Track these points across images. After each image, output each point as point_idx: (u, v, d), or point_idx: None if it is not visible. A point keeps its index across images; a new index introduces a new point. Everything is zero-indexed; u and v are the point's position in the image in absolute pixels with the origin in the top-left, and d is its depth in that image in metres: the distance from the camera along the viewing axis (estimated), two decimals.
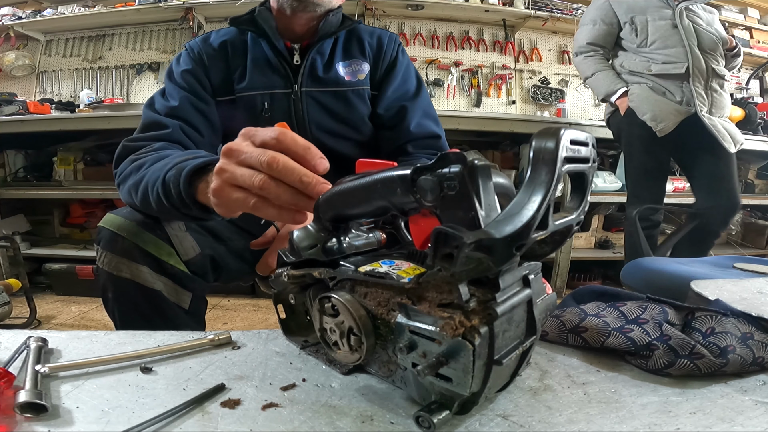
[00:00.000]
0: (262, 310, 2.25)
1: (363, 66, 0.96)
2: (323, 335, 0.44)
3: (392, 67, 0.98)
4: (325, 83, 0.93)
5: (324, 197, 0.42)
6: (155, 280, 0.75)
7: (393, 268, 0.42)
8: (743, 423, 0.37)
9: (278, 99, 0.92)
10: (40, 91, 3.13)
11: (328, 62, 0.94)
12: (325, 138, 0.94)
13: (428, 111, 0.99)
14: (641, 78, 1.91)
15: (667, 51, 1.84)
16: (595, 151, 0.34)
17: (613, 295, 0.57)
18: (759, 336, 0.47)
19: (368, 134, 0.97)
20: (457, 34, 3.18)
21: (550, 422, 0.37)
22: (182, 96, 0.86)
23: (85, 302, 2.32)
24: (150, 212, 0.71)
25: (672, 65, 1.84)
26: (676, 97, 1.85)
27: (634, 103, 1.88)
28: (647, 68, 1.89)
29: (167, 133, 0.80)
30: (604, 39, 1.99)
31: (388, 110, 0.96)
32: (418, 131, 0.95)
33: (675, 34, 1.83)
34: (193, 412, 0.37)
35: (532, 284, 0.36)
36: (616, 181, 2.55)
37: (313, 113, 0.93)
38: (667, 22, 1.84)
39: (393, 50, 0.99)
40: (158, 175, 0.61)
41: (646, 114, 1.85)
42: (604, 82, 1.98)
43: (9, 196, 2.53)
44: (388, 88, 0.96)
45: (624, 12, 1.92)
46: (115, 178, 0.76)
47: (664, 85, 1.86)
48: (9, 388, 0.38)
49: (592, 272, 2.70)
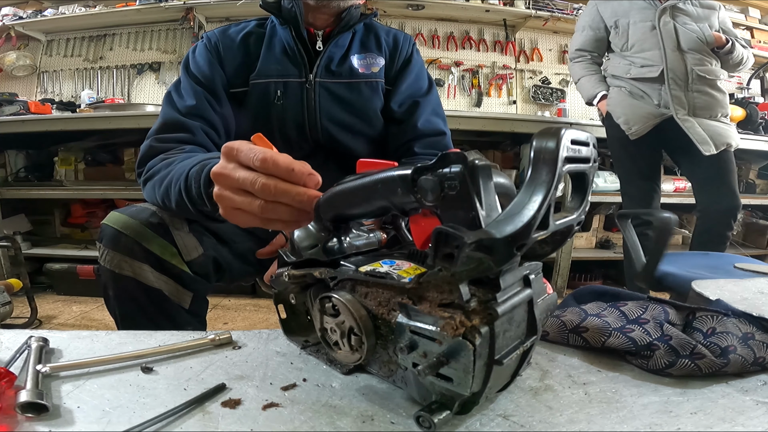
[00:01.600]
0: (262, 310, 2.25)
1: (378, 60, 0.97)
2: (324, 335, 0.44)
3: (407, 64, 1.00)
4: (339, 74, 0.94)
5: (324, 197, 0.42)
6: (157, 279, 0.75)
7: (393, 268, 0.42)
8: (744, 423, 0.37)
9: (292, 87, 0.92)
10: (41, 91, 3.13)
11: (344, 55, 0.95)
12: (334, 130, 0.94)
13: (437, 110, 1.00)
14: (621, 81, 1.92)
15: (645, 54, 1.84)
16: (595, 150, 0.34)
17: (614, 295, 0.57)
18: (760, 336, 0.47)
19: (378, 128, 0.98)
20: (457, 34, 3.17)
21: (550, 422, 0.37)
22: (199, 93, 0.86)
23: (86, 302, 2.32)
24: (168, 207, 0.71)
25: (648, 69, 1.84)
26: (654, 100, 1.84)
27: (610, 107, 1.92)
28: (627, 72, 1.90)
29: (191, 138, 0.82)
30: (591, 44, 2.01)
31: (401, 105, 0.97)
32: (425, 127, 0.96)
33: (653, 36, 1.81)
34: (193, 412, 0.37)
35: (533, 284, 0.36)
36: (616, 181, 2.53)
37: (325, 104, 0.93)
38: (647, 23, 1.83)
39: (408, 49, 1.02)
40: (183, 171, 0.63)
41: (620, 117, 1.87)
42: (586, 86, 2.02)
43: (10, 196, 2.53)
44: (402, 83, 0.98)
45: (609, 15, 1.93)
46: (140, 176, 0.79)
47: (641, 88, 1.87)
48: (10, 388, 0.38)
49: (592, 272, 2.70)
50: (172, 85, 0.90)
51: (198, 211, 0.63)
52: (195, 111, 0.85)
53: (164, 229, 0.75)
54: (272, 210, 0.44)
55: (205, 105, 0.86)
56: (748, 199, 2.91)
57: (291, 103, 0.92)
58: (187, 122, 0.83)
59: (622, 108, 1.88)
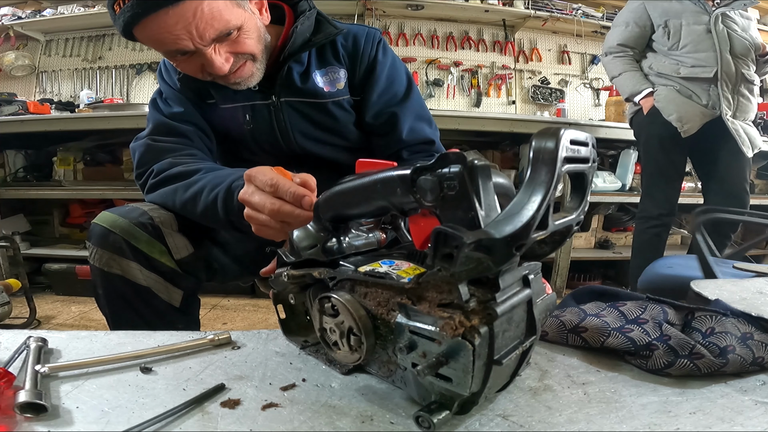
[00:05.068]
0: (262, 310, 2.25)
1: (340, 73, 0.88)
2: (323, 335, 0.44)
3: (372, 70, 0.89)
4: (304, 94, 0.87)
5: (324, 197, 0.42)
6: (146, 277, 0.75)
7: (393, 268, 0.42)
8: (743, 423, 0.37)
9: (258, 110, 0.87)
10: (39, 91, 3.12)
11: (305, 71, 0.87)
12: (310, 146, 0.90)
13: (420, 113, 0.93)
14: (668, 80, 1.94)
15: (698, 55, 1.88)
16: (594, 151, 0.34)
17: (613, 295, 0.57)
18: (759, 336, 0.47)
19: (355, 139, 0.93)
20: (457, 34, 3.17)
21: (550, 422, 0.37)
22: (183, 101, 0.86)
23: (85, 302, 2.31)
24: (189, 212, 0.75)
25: (701, 69, 1.87)
26: (702, 100, 1.88)
27: (661, 104, 1.91)
28: (676, 71, 1.92)
29: (189, 141, 0.83)
30: (635, 41, 2.02)
31: (378, 118, 0.89)
32: (411, 137, 0.90)
33: (708, 38, 1.86)
34: (193, 412, 0.37)
35: (532, 284, 0.36)
36: (616, 181, 2.54)
37: (295, 122, 0.88)
38: (702, 26, 1.87)
39: (371, 51, 0.89)
40: (221, 182, 0.69)
41: (672, 115, 1.88)
42: (630, 82, 2.01)
43: (9, 196, 2.53)
44: (372, 93, 0.89)
45: (659, 15, 1.95)
46: (142, 176, 0.81)
47: (690, 87, 1.89)
48: (9, 388, 0.38)
49: (591, 272, 2.70)
50: (156, 92, 0.90)
51: (229, 221, 0.69)
52: (184, 117, 0.85)
53: (154, 228, 0.76)
54: (283, 228, 0.55)
55: (192, 111, 0.86)
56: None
57: (261, 126, 0.88)
58: (180, 126, 0.83)
59: (675, 105, 1.89)
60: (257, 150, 0.92)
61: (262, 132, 0.89)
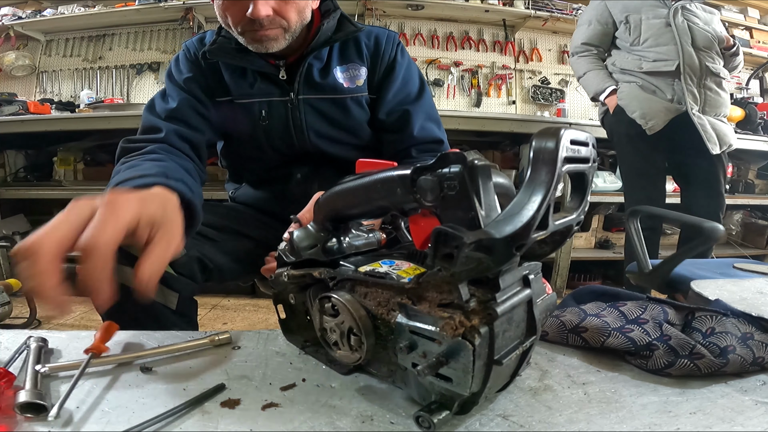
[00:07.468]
0: (262, 310, 2.25)
1: (361, 71, 0.93)
2: (323, 335, 0.44)
3: (391, 70, 0.94)
4: (323, 90, 0.90)
5: (324, 197, 0.42)
6: None
7: (393, 268, 0.42)
8: (743, 423, 0.37)
9: (275, 107, 0.90)
10: (40, 91, 3.12)
11: (325, 67, 0.91)
12: (324, 144, 0.93)
13: (431, 113, 0.97)
14: (632, 76, 1.91)
15: (659, 48, 1.85)
16: (595, 151, 0.34)
17: (613, 295, 0.57)
18: (759, 336, 0.47)
19: (367, 139, 0.96)
20: (457, 34, 3.17)
21: (550, 422, 0.37)
22: (181, 98, 0.86)
23: (85, 302, 2.31)
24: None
25: (663, 63, 1.84)
26: (667, 95, 1.85)
27: (624, 102, 1.89)
28: (638, 66, 1.89)
29: (160, 137, 0.81)
30: (599, 39, 2.01)
31: (390, 115, 0.93)
32: (421, 135, 0.93)
33: (668, 32, 1.84)
34: (193, 412, 0.37)
35: (532, 284, 0.36)
36: (616, 181, 2.54)
37: (312, 120, 0.91)
38: (661, 20, 1.85)
39: (391, 51, 0.95)
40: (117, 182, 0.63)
41: (636, 112, 1.86)
42: (594, 81, 2.00)
43: (9, 196, 2.53)
44: (388, 91, 0.93)
45: (620, 11, 1.93)
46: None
47: (654, 83, 1.87)
48: (9, 388, 0.38)
49: (592, 272, 2.70)
50: (158, 93, 0.90)
51: None
52: (174, 114, 0.84)
53: None
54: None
55: (186, 108, 0.86)
56: (747, 200, 2.92)
57: (276, 123, 0.90)
58: (159, 124, 0.83)
59: (638, 102, 1.86)
60: (267, 147, 0.93)
61: (276, 129, 0.91)
